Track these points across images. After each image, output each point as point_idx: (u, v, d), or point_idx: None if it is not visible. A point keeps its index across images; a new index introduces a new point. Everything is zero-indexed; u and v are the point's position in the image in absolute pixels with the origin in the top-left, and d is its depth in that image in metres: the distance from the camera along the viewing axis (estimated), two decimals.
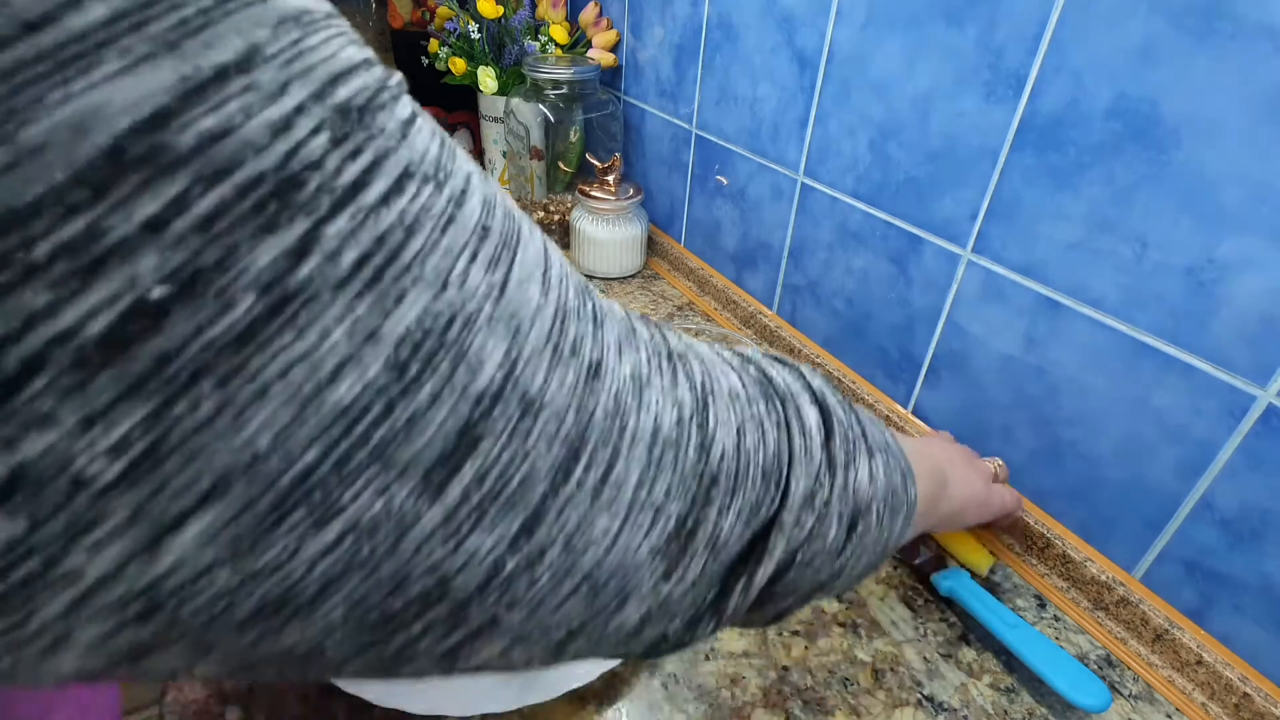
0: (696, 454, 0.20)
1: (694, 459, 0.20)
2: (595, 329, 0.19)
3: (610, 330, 0.19)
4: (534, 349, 0.16)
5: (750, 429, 0.22)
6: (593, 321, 0.19)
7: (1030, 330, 0.53)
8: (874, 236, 0.66)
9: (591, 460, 0.17)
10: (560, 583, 0.18)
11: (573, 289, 0.19)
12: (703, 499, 0.20)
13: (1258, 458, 0.42)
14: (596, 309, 0.20)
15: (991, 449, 0.59)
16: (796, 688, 0.45)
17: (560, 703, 0.43)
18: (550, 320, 0.17)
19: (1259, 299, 0.40)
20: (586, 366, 0.18)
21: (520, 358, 0.16)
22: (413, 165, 0.15)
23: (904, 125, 0.60)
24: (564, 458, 0.17)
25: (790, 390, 0.25)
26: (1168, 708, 0.46)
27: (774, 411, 0.24)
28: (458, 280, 0.15)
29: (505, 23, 1.03)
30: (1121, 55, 0.44)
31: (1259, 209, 0.39)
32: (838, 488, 0.24)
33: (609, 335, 0.19)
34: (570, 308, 0.18)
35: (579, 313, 0.18)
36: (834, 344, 0.75)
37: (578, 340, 0.18)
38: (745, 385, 0.24)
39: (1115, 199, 0.46)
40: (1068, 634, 0.51)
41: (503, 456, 0.16)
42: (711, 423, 0.21)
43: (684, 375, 0.21)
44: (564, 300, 0.18)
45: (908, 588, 0.53)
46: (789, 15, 0.69)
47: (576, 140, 0.99)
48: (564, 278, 0.19)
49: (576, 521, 0.17)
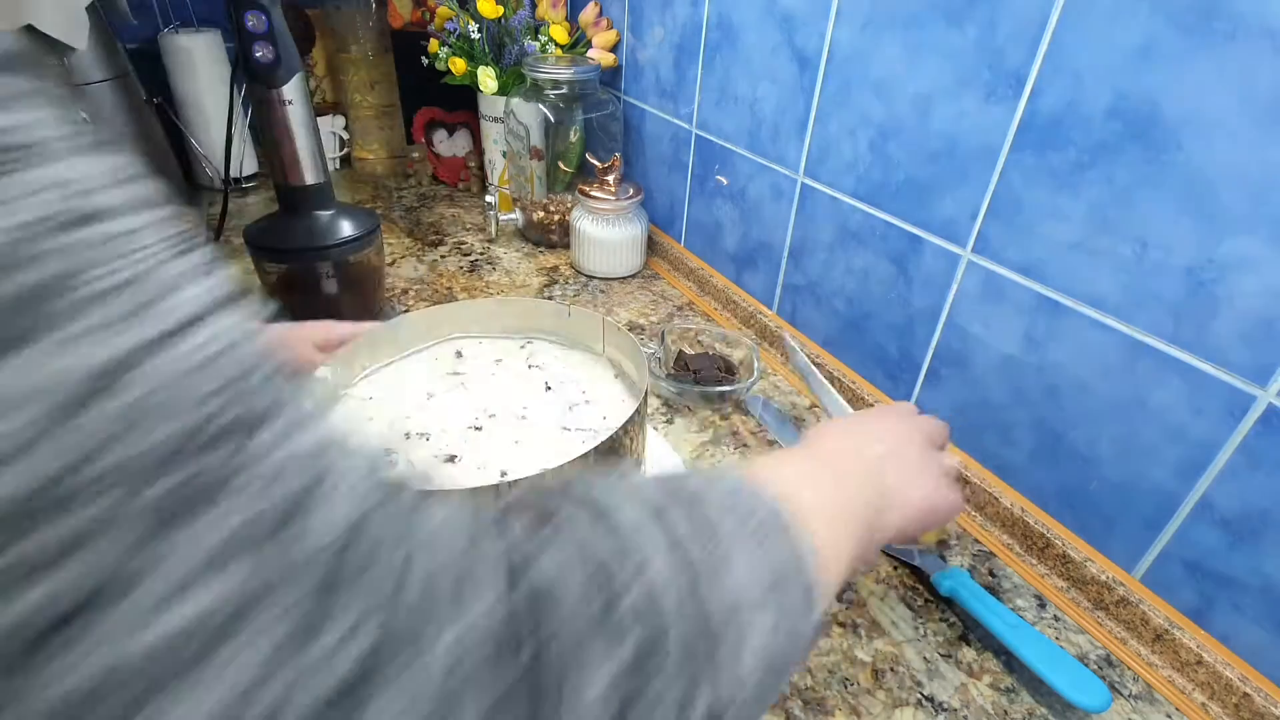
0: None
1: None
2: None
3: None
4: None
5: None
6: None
7: (1030, 330, 0.53)
8: (874, 236, 0.66)
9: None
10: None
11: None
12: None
13: (1258, 458, 0.42)
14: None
15: (991, 449, 0.59)
16: (796, 688, 0.45)
17: None
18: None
19: (1259, 299, 0.41)
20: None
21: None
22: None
23: (904, 125, 0.60)
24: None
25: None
26: (1168, 708, 0.46)
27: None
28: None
29: (505, 23, 1.03)
30: (1121, 55, 0.44)
31: (1259, 209, 0.40)
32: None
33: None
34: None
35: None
36: (834, 344, 0.75)
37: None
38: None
39: (1115, 199, 0.46)
40: (1068, 634, 0.51)
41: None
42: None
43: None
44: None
45: (908, 588, 0.53)
46: (789, 15, 0.69)
47: (576, 140, 0.99)
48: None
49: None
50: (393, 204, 1.18)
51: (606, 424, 0.48)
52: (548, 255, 1.03)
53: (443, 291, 0.90)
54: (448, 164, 1.25)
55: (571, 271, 0.98)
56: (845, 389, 0.72)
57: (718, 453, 0.66)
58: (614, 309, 0.90)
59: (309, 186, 0.74)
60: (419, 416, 0.48)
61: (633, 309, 0.90)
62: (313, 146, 0.73)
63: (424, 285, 0.92)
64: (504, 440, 0.46)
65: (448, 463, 0.44)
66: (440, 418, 0.48)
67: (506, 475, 0.43)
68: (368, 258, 0.78)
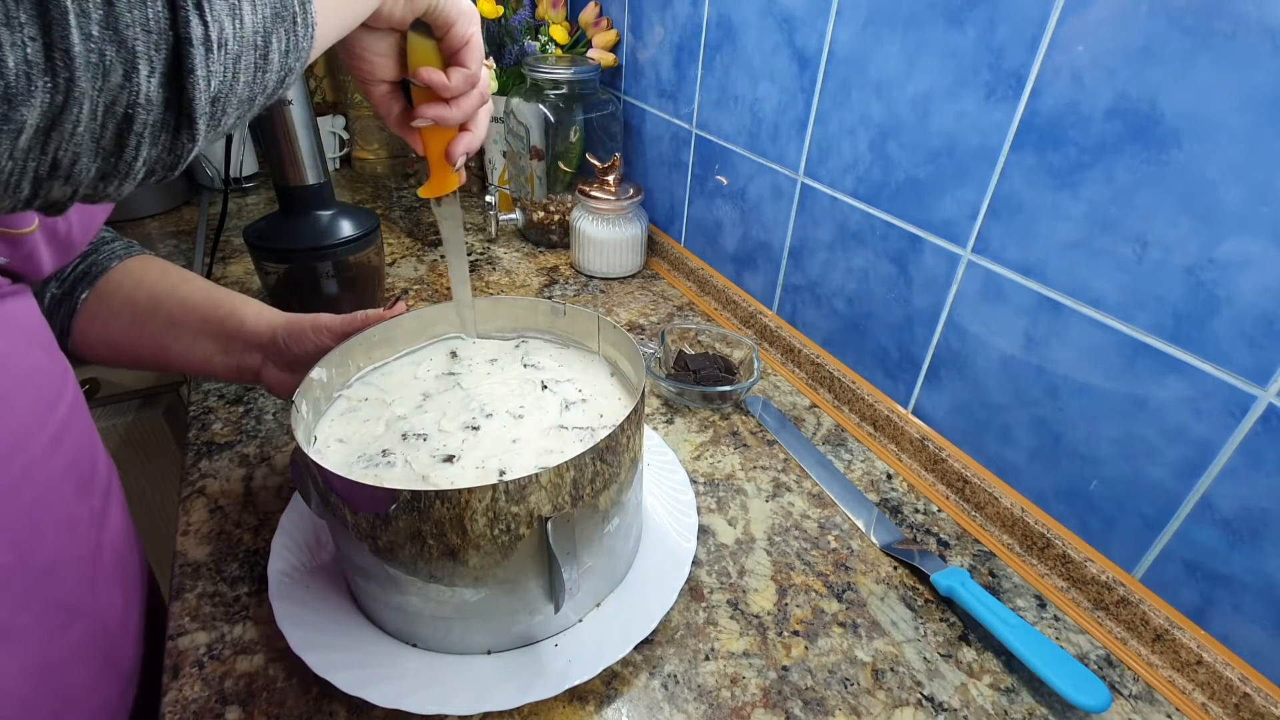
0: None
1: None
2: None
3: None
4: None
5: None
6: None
7: (1030, 330, 0.53)
8: (874, 236, 0.66)
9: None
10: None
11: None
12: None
13: (1258, 458, 0.42)
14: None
15: (991, 449, 0.59)
16: (796, 688, 0.45)
17: (560, 702, 0.43)
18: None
19: (1259, 299, 0.40)
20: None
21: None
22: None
23: (904, 125, 0.60)
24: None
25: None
26: (1168, 708, 0.46)
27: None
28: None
29: (505, 23, 1.03)
30: (1121, 55, 0.44)
31: (1259, 209, 0.39)
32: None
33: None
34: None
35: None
36: (834, 344, 0.75)
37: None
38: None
39: (1115, 199, 0.46)
40: (1068, 634, 0.51)
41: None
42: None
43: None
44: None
45: (908, 588, 0.53)
46: (789, 15, 0.69)
47: (576, 140, 0.99)
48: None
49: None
50: (393, 204, 1.18)
51: (604, 422, 0.48)
52: (548, 255, 1.03)
53: (443, 291, 0.90)
54: None
55: (571, 271, 0.98)
56: (845, 389, 0.72)
57: (717, 453, 0.66)
58: (614, 309, 0.89)
59: (309, 186, 0.74)
60: (415, 417, 0.48)
61: (633, 309, 0.90)
62: (313, 146, 0.73)
63: (424, 285, 0.92)
64: (502, 439, 0.46)
65: (445, 463, 0.44)
66: (437, 418, 0.48)
67: (505, 474, 0.43)
68: (368, 258, 0.78)
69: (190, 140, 0.25)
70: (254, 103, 0.27)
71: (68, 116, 0.21)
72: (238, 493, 0.58)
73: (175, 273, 0.55)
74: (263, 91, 0.27)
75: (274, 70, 0.27)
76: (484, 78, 0.45)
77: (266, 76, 0.27)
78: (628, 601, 0.47)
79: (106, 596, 0.44)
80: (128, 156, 0.23)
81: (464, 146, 0.45)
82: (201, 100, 0.24)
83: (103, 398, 0.84)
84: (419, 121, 0.43)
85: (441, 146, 0.45)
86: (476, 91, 0.44)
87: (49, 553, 0.39)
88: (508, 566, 0.40)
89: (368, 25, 0.39)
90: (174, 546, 0.53)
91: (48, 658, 0.39)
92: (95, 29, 0.20)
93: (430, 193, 0.48)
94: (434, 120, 0.43)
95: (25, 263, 0.39)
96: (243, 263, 0.95)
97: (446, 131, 0.45)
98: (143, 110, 0.23)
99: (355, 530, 0.40)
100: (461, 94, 0.43)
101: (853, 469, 0.65)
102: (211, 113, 0.25)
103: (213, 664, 0.45)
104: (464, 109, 0.44)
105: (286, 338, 0.51)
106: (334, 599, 0.47)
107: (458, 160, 0.45)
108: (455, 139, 0.45)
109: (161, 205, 1.12)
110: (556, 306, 0.56)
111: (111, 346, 0.52)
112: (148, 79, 0.22)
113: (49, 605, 0.39)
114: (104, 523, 0.45)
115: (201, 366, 0.54)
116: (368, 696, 0.40)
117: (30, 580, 0.38)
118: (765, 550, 0.55)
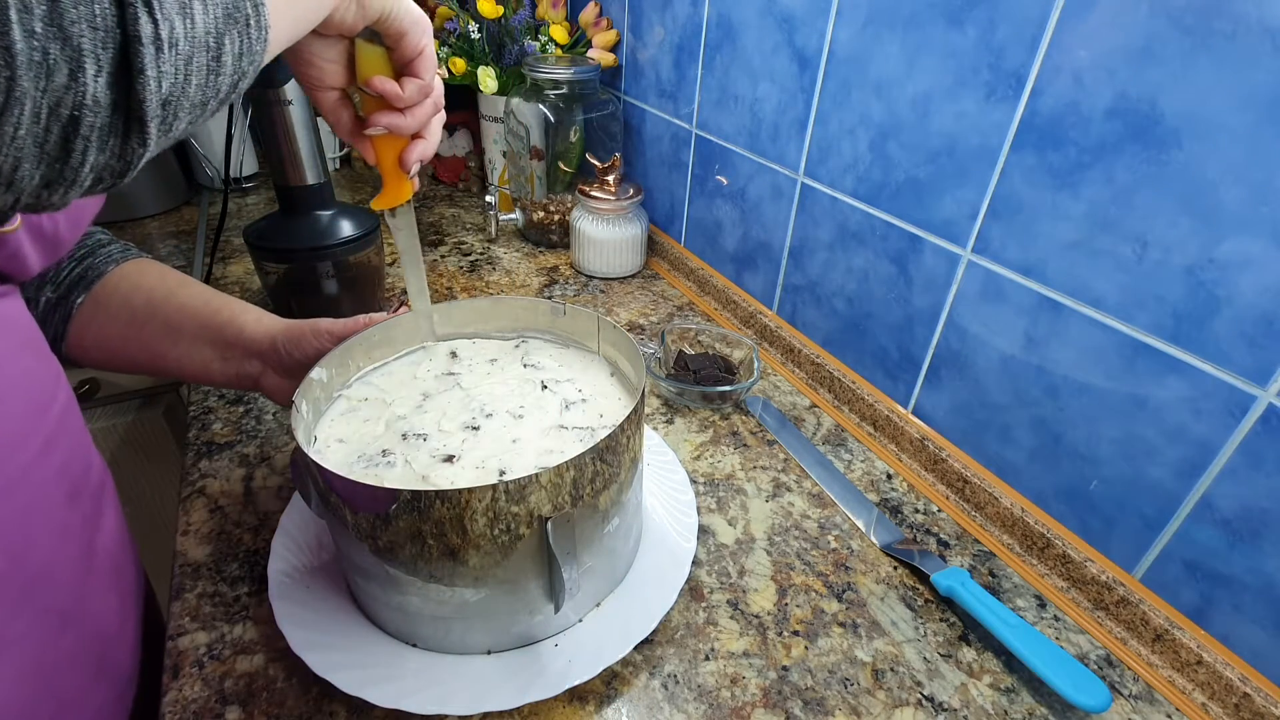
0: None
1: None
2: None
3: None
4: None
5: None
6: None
7: (1030, 330, 0.53)
8: (874, 236, 0.66)
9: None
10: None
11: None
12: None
13: (1258, 458, 0.42)
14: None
15: (991, 449, 0.59)
16: (796, 688, 0.45)
17: (560, 702, 0.43)
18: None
19: (1259, 299, 0.40)
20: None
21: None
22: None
23: (904, 125, 0.60)
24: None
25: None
26: (1168, 708, 0.46)
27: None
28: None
29: (505, 23, 1.03)
30: (1121, 55, 0.44)
31: (1259, 209, 0.39)
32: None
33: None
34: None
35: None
36: (834, 344, 0.75)
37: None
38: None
39: (1115, 199, 0.46)
40: (1068, 634, 0.51)
41: None
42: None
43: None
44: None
45: (908, 588, 0.53)
46: (789, 15, 0.69)
47: (576, 140, 0.99)
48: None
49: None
50: None
51: (604, 422, 0.48)
52: (548, 255, 1.03)
53: (443, 291, 0.90)
54: (448, 164, 1.25)
55: (571, 271, 0.98)
56: (845, 389, 0.72)
57: (717, 453, 0.66)
58: (614, 309, 0.89)
59: (309, 186, 0.74)
60: (415, 417, 0.48)
61: (633, 309, 0.90)
62: (313, 146, 0.73)
63: None
64: (502, 439, 0.46)
65: (445, 463, 0.44)
66: (437, 418, 0.48)
67: (505, 474, 0.43)
68: (368, 258, 0.78)
69: (141, 145, 0.24)
70: (206, 107, 0.26)
71: (8, 118, 0.20)
72: (238, 493, 0.58)
73: (173, 277, 0.54)
74: (215, 95, 0.26)
75: (227, 73, 0.26)
76: (438, 86, 0.44)
77: (220, 79, 0.26)
78: (628, 601, 0.47)
79: (101, 601, 0.44)
80: (74, 162, 0.22)
81: (418, 154, 0.44)
82: (152, 102, 0.23)
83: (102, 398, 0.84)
84: (372, 130, 0.42)
85: (394, 155, 0.45)
86: (430, 100, 0.44)
87: (41, 558, 0.38)
88: (508, 566, 0.40)
89: (317, 31, 0.38)
90: (174, 546, 0.53)
91: (41, 665, 0.39)
92: (38, 25, 0.20)
93: (384, 204, 0.47)
94: (387, 128, 0.42)
95: (10, 262, 0.39)
96: (243, 263, 0.95)
97: (399, 140, 0.44)
98: (90, 112, 0.22)
99: (355, 530, 0.40)
100: (415, 104, 0.43)
101: (853, 469, 0.65)
102: (163, 116, 0.24)
103: (213, 664, 0.45)
104: (418, 118, 0.43)
105: (287, 343, 0.51)
106: (334, 599, 0.47)
107: (412, 168, 0.44)
108: (409, 147, 0.44)
109: (161, 205, 1.12)
110: (556, 306, 0.56)
111: (107, 351, 0.52)
112: (95, 79, 0.21)
113: (42, 611, 0.39)
114: (98, 527, 0.45)
115: (199, 373, 0.53)
116: (368, 696, 0.40)
117: (22, 586, 0.37)
118: (765, 550, 0.55)
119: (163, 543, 0.84)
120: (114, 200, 1.07)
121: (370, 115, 0.42)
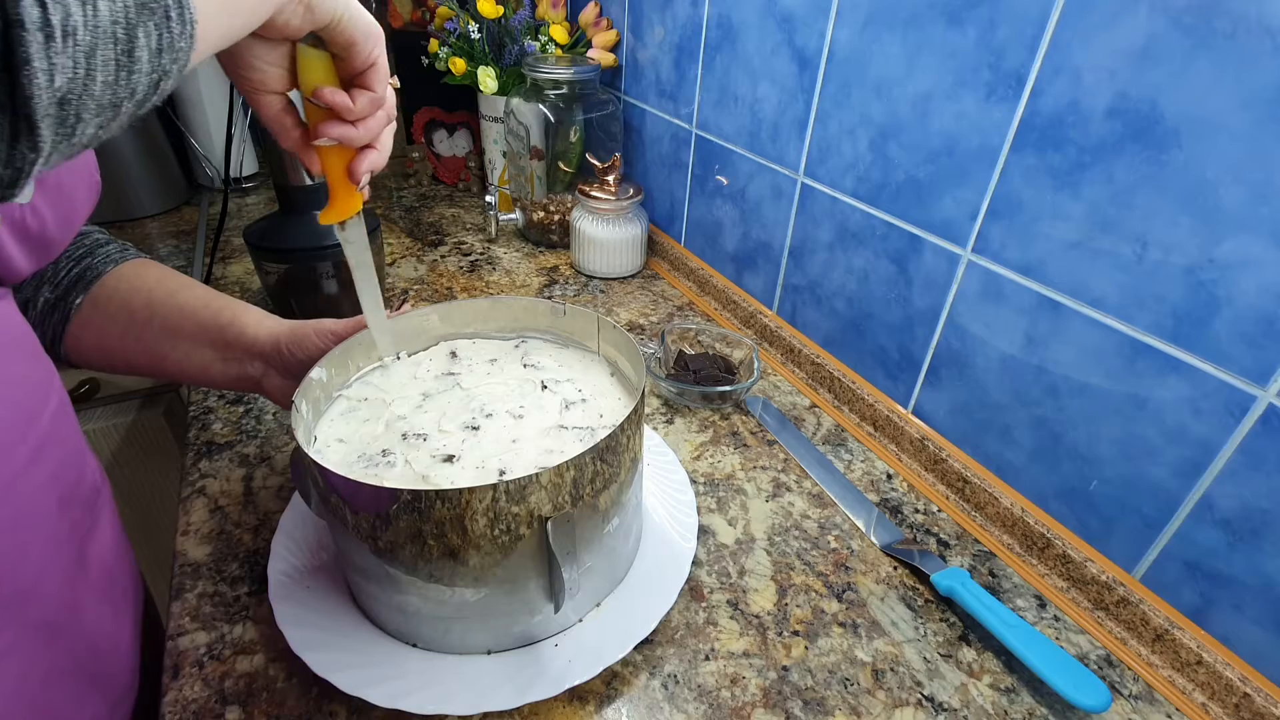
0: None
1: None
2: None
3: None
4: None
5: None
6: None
7: (1030, 330, 0.53)
8: (874, 236, 0.66)
9: None
10: None
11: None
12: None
13: (1258, 458, 0.42)
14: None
15: (991, 449, 0.59)
16: (796, 688, 0.45)
17: (560, 702, 0.43)
18: None
19: (1259, 299, 0.40)
20: None
21: None
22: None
23: (904, 125, 0.60)
24: None
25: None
26: (1168, 708, 0.46)
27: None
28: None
29: (505, 23, 1.03)
30: (1121, 55, 0.44)
31: (1259, 209, 0.39)
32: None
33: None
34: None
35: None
36: (834, 344, 0.75)
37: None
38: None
39: (1115, 199, 0.46)
40: (1068, 634, 0.51)
41: None
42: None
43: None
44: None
45: (908, 588, 0.53)
46: (789, 15, 0.69)
47: (576, 140, 0.99)
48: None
49: None
50: (393, 204, 1.18)
51: (604, 422, 0.48)
52: (548, 255, 1.03)
53: (443, 291, 0.90)
54: (448, 164, 1.25)
55: (571, 271, 0.98)
56: (845, 389, 0.72)
57: (717, 453, 0.66)
58: (614, 309, 0.89)
59: (309, 186, 0.74)
60: (415, 417, 0.48)
61: (633, 309, 0.90)
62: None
63: (424, 285, 0.92)
64: (502, 439, 0.46)
65: (445, 463, 0.44)
66: (437, 418, 0.48)
67: (505, 474, 0.43)
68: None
69: (32, 150, 0.21)
70: (119, 109, 0.24)
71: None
72: (238, 493, 0.58)
73: (173, 278, 0.54)
74: (130, 96, 0.24)
75: (143, 71, 0.23)
76: (390, 96, 0.42)
77: (134, 78, 0.23)
78: (628, 601, 0.47)
79: (94, 611, 0.43)
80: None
81: (368, 165, 0.42)
82: (42, 99, 0.20)
83: (102, 398, 0.84)
84: (321, 141, 0.40)
85: (343, 166, 0.43)
86: (383, 111, 0.42)
87: (30, 570, 0.37)
88: (508, 566, 0.40)
89: (258, 33, 0.35)
90: (174, 546, 0.53)
91: (29, 678, 0.38)
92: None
93: (333, 218, 0.45)
94: (337, 140, 0.41)
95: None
96: (243, 263, 0.95)
97: (347, 150, 0.42)
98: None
99: (355, 530, 0.40)
100: (367, 116, 0.41)
101: (853, 469, 0.65)
102: (60, 116, 0.21)
103: (213, 664, 0.45)
104: (370, 129, 0.41)
105: (290, 344, 0.51)
106: (334, 599, 0.47)
107: (362, 179, 0.43)
108: (358, 157, 0.42)
109: (161, 205, 1.12)
110: (556, 306, 0.56)
111: (106, 353, 0.51)
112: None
113: (31, 624, 0.37)
114: (91, 536, 0.44)
115: (199, 375, 0.52)
116: (368, 696, 0.40)
117: (9, 598, 0.36)
118: (765, 550, 0.55)
119: (163, 543, 0.84)
120: (113, 200, 1.07)
121: (318, 125, 0.40)
